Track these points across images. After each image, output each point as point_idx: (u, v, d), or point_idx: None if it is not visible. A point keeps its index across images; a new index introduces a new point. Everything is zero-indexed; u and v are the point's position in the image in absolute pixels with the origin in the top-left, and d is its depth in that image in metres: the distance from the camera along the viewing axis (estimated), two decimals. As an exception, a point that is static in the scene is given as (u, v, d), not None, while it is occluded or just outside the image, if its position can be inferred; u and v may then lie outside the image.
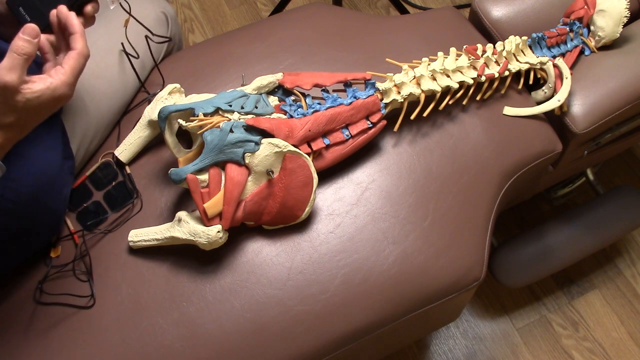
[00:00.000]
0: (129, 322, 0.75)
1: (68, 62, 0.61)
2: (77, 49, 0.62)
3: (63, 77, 0.60)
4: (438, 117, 0.91)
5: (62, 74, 0.60)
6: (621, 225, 1.20)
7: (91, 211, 0.83)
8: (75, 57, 0.62)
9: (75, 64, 0.61)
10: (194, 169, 0.73)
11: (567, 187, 1.30)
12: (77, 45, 0.62)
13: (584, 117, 0.94)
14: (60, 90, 0.60)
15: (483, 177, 0.88)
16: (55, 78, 0.60)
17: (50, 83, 0.59)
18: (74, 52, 0.62)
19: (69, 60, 0.61)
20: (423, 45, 0.99)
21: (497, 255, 1.17)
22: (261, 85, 0.84)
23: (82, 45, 0.62)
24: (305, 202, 0.78)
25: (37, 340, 0.74)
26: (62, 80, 0.60)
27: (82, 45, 0.62)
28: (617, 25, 0.97)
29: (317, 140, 0.80)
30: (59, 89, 0.60)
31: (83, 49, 0.62)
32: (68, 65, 0.61)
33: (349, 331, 0.77)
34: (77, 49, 0.62)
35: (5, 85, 0.55)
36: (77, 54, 0.62)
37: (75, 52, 0.62)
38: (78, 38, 0.63)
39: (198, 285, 0.77)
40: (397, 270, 0.79)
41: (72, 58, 0.62)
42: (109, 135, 0.90)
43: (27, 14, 0.68)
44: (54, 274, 0.78)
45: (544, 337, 1.27)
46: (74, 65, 0.61)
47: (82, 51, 0.62)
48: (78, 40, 0.63)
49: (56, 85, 0.59)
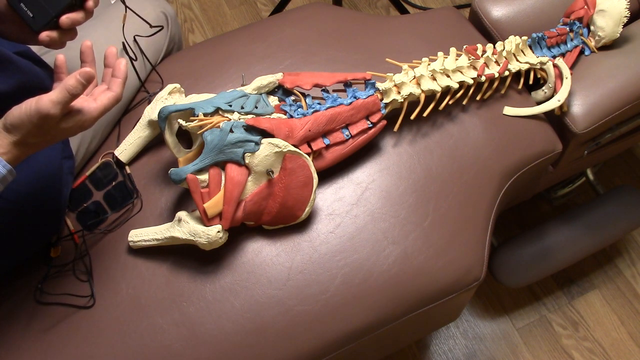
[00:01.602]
0: (129, 322, 0.75)
1: (103, 101, 0.64)
2: (116, 92, 0.65)
3: (94, 112, 0.63)
4: (438, 117, 0.91)
5: (94, 110, 0.63)
6: (621, 225, 1.20)
7: (91, 211, 0.83)
8: (112, 99, 0.64)
9: (109, 105, 0.64)
10: (194, 169, 0.73)
11: (567, 187, 1.30)
12: (117, 89, 0.65)
13: (584, 117, 0.94)
14: (87, 123, 0.63)
15: (483, 177, 0.88)
16: (87, 114, 0.62)
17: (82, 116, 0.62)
18: (111, 95, 0.65)
19: (104, 100, 0.64)
20: (423, 45, 0.99)
21: (497, 255, 1.17)
22: (261, 85, 0.84)
23: (120, 91, 0.66)
24: (305, 202, 0.78)
25: (37, 339, 0.74)
26: (92, 116, 0.63)
27: (121, 91, 0.66)
28: (617, 25, 0.97)
29: (317, 140, 0.80)
30: (87, 122, 0.62)
31: (120, 95, 0.65)
32: (102, 103, 0.63)
33: (349, 331, 0.77)
34: (116, 94, 0.65)
35: (48, 116, 0.58)
36: (114, 97, 0.65)
37: (113, 95, 0.65)
38: (120, 83, 0.66)
39: (198, 285, 0.77)
40: (397, 270, 0.79)
41: (108, 99, 0.64)
42: (109, 135, 0.90)
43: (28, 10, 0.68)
44: (54, 274, 0.78)
45: (544, 337, 1.27)
46: (107, 106, 0.64)
47: (119, 97, 0.65)
48: (119, 85, 0.66)
49: (86, 119, 0.62)
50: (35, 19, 0.68)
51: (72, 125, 0.62)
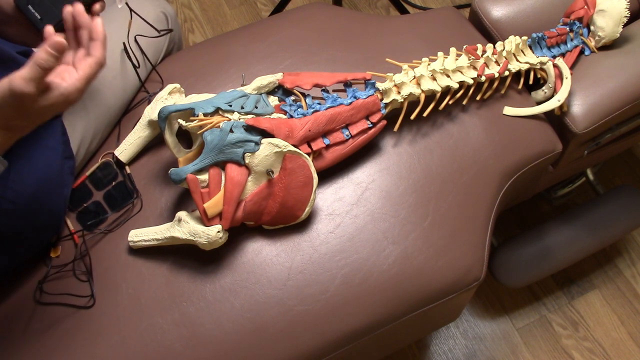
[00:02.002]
0: (129, 322, 0.75)
1: (84, 69, 0.59)
2: (96, 57, 0.60)
3: (77, 83, 0.58)
4: (438, 117, 0.91)
5: (77, 80, 0.58)
6: (621, 225, 1.20)
7: (91, 211, 0.83)
8: (93, 65, 0.60)
9: (91, 72, 0.59)
10: (194, 169, 0.73)
11: (567, 187, 1.30)
12: (97, 53, 0.60)
13: (584, 117, 0.94)
14: (72, 96, 0.58)
15: (483, 177, 0.88)
16: (69, 84, 0.58)
17: (64, 89, 0.57)
18: (92, 60, 0.60)
19: (85, 67, 0.59)
20: (423, 45, 0.99)
21: (497, 255, 1.17)
22: (261, 85, 0.84)
23: (101, 54, 0.60)
24: (305, 202, 0.78)
25: (37, 339, 0.74)
26: (76, 87, 0.58)
27: (102, 54, 0.60)
28: (617, 25, 0.97)
29: (317, 140, 0.80)
30: (71, 94, 0.58)
31: (102, 59, 0.60)
32: (83, 71, 0.59)
33: (349, 331, 0.77)
34: (97, 58, 0.60)
35: (22, 95, 0.54)
36: (95, 62, 0.60)
37: (94, 60, 0.60)
38: (99, 46, 0.61)
39: (198, 285, 0.77)
40: (397, 270, 0.79)
41: (89, 65, 0.60)
42: (109, 135, 0.90)
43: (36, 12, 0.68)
44: (54, 274, 0.78)
45: (544, 337, 1.27)
46: (90, 73, 0.59)
47: (101, 60, 0.60)
48: (99, 48, 0.61)
49: (69, 92, 0.58)
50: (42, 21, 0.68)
51: (55, 101, 0.57)
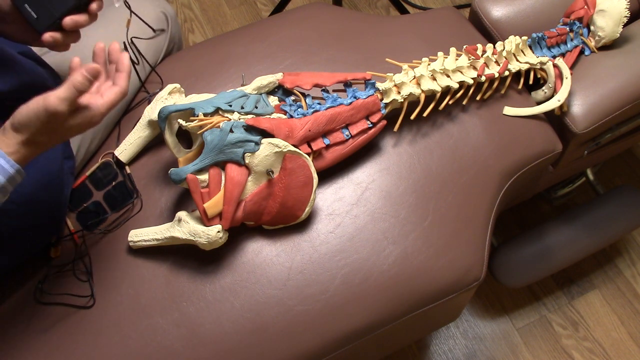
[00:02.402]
0: (129, 322, 0.75)
1: (109, 96, 0.64)
2: (121, 87, 0.65)
3: (102, 108, 0.63)
4: (438, 117, 0.91)
5: (101, 106, 0.63)
6: (621, 225, 1.20)
7: (91, 211, 0.83)
8: (118, 94, 0.64)
9: (115, 100, 0.64)
10: (194, 169, 0.73)
11: (567, 187, 1.30)
12: (122, 83, 0.65)
13: (584, 117, 0.94)
14: (95, 119, 0.62)
15: (483, 177, 0.88)
16: (95, 110, 0.62)
17: (92, 116, 0.62)
18: (117, 89, 0.65)
19: (110, 95, 0.64)
20: (423, 45, 0.99)
21: (497, 255, 1.17)
22: (261, 85, 0.84)
23: (126, 85, 0.65)
24: (305, 202, 0.78)
25: (37, 339, 0.74)
26: (100, 112, 0.63)
27: (126, 85, 0.66)
28: (617, 25, 0.97)
29: (317, 140, 0.80)
30: (95, 117, 0.62)
31: (126, 89, 0.65)
32: (109, 98, 0.63)
33: (349, 331, 0.77)
34: (122, 88, 0.65)
35: (55, 113, 0.58)
36: (120, 91, 0.65)
37: (119, 89, 0.65)
38: (124, 77, 0.66)
39: (198, 285, 0.77)
40: (397, 270, 0.79)
41: (115, 93, 0.64)
42: (109, 135, 0.90)
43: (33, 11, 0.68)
44: (54, 274, 0.78)
45: (544, 337, 1.27)
46: (114, 101, 0.64)
47: (125, 90, 0.65)
48: (124, 79, 0.66)
49: (93, 115, 0.62)
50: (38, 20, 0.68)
51: (81, 121, 0.61)
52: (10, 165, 0.58)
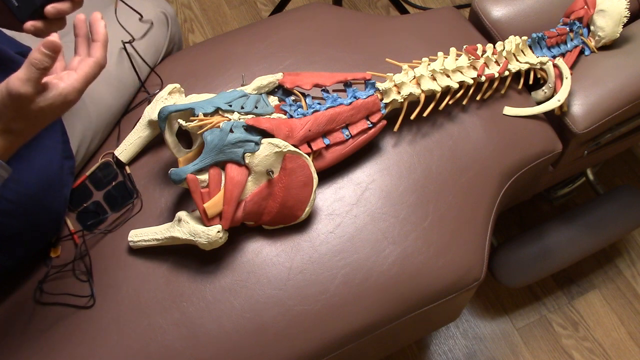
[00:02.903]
0: (129, 322, 0.75)
1: (83, 69, 0.59)
2: (96, 57, 0.60)
3: (75, 83, 0.58)
4: (438, 117, 0.91)
5: (75, 80, 0.58)
6: (621, 225, 1.20)
7: (91, 211, 0.83)
8: (92, 65, 0.60)
9: (90, 72, 0.59)
10: (194, 169, 0.73)
11: (567, 187, 1.30)
12: (96, 53, 0.60)
13: (584, 117, 0.94)
14: (70, 96, 0.58)
15: (483, 177, 0.88)
16: (67, 84, 0.58)
17: (62, 89, 0.57)
18: (91, 60, 0.60)
19: (84, 67, 0.59)
20: (423, 45, 0.99)
21: (497, 255, 1.17)
22: (261, 85, 0.84)
23: (101, 54, 0.61)
24: (305, 202, 0.78)
25: (37, 339, 0.74)
26: (74, 87, 0.58)
27: (102, 55, 0.61)
28: (617, 25, 0.97)
29: (317, 140, 0.80)
30: (70, 94, 0.58)
31: (101, 59, 0.60)
32: (82, 71, 0.59)
33: (349, 331, 0.77)
34: (96, 58, 0.60)
35: (19, 96, 0.54)
36: (94, 62, 0.60)
37: (93, 60, 0.60)
38: (99, 47, 0.61)
39: (198, 285, 0.77)
40: (397, 270, 0.79)
41: (88, 65, 0.60)
42: (109, 135, 0.90)
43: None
44: (54, 274, 0.78)
45: (544, 337, 1.27)
46: (89, 73, 0.59)
47: (100, 61, 0.60)
48: (99, 49, 0.61)
49: (68, 92, 0.58)
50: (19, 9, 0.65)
51: (53, 101, 0.56)
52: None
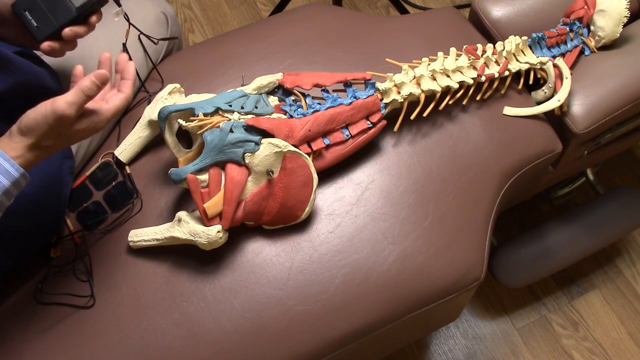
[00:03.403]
0: (129, 322, 0.75)
1: (114, 102, 0.66)
2: (126, 94, 0.67)
3: (107, 114, 0.65)
4: (438, 117, 0.91)
5: (107, 112, 0.65)
6: (621, 225, 1.20)
7: (91, 211, 0.83)
8: (123, 100, 0.67)
9: (120, 106, 0.66)
10: (194, 169, 0.73)
11: (567, 187, 1.30)
12: (127, 90, 0.68)
13: (584, 117, 0.94)
14: (100, 124, 0.65)
15: (483, 177, 0.88)
16: (101, 115, 0.64)
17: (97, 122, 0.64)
18: (122, 96, 0.67)
19: (116, 101, 0.66)
20: (423, 45, 0.99)
21: (497, 255, 1.17)
22: (261, 85, 0.84)
23: (130, 92, 0.68)
24: (305, 202, 0.78)
25: (37, 339, 0.74)
26: (106, 118, 0.65)
27: (131, 92, 0.68)
28: (617, 25, 0.97)
29: (317, 140, 0.80)
30: (100, 124, 0.64)
31: (130, 96, 0.68)
32: (114, 104, 0.66)
33: (349, 331, 0.77)
34: (127, 94, 0.67)
35: (63, 117, 0.59)
36: (125, 98, 0.67)
37: (124, 96, 0.67)
38: (129, 85, 0.68)
39: (198, 285, 0.77)
40: (397, 270, 0.79)
41: (119, 99, 0.66)
42: (109, 135, 0.90)
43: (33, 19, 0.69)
44: (54, 274, 0.78)
45: (544, 337, 1.27)
46: (119, 107, 0.66)
47: (129, 97, 0.68)
48: (129, 86, 0.68)
49: (100, 121, 0.64)
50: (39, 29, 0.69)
51: (86, 126, 0.63)
52: (16, 169, 0.59)
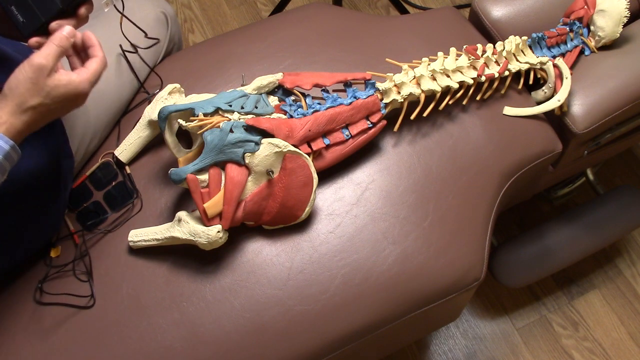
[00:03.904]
0: (129, 322, 0.75)
1: (91, 65, 0.66)
2: (99, 56, 0.67)
3: (85, 75, 0.64)
4: (438, 117, 0.91)
5: (85, 73, 0.65)
6: (621, 225, 1.20)
7: (91, 211, 0.83)
8: (98, 61, 0.66)
9: (98, 67, 0.66)
10: (194, 169, 0.73)
11: (567, 187, 1.30)
12: (98, 53, 0.67)
13: (584, 117, 0.94)
14: (82, 85, 0.64)
15: (483, 177, 0.88)
16: (81, 76, 0.64)
17: (75, 77, 0.64)
18: (97, 58, 0.66)
19: (92, 64, 0.66)
20: (423, 45, 0.99)
21: (497, 255, 1.17)
22: (261, 85, 0.84)
23: (102, 54, 0.67)
24: (305, 202, 0.78)
25: (37, 340, 0.74)
26: (85, 78, 0.64)
27: (103, 54, 0.67)
28: (617, 25, 0.97)
29: (317, 140, 0.80)
30: (81, 84, 0.64)
31: (104, 57, 0.67)
32: (91, 67, 0.66)
33: (349, 331, 0.77)
34: (99, 57, 0.67)
35: (39, 65, 0.60)
36: (99, 59, 0.66)
37: (98, 58, 0.66)
38: (98, 48, 0.67)
39: (198, 285, 0.77)
40: (397, 270, 0.79)
41: (95, 62, 0.66)
42: (109, 135, 0.90)
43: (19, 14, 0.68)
44: (54, 274, 0.78)
45: (544, 337, 1.27)
46: (96, 68, 0.66)
47: (104, 59, 0.67)
48: (99, 50, 0.67)
49: (80, 81, 0.64)
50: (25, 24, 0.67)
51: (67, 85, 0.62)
52: (4, 141, 0.59)
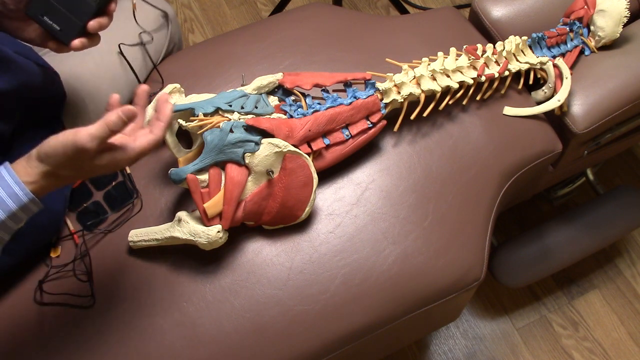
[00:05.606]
0: (129, 322, 0.75)
1: (142, 142, 0.60)
2: (157, 136, 0.61)
3: (131, 153, 0.60)
4: (438, 117, 0.91)
5: (132, 151, 0.60)
6: (621, 225, 1.20)
7: (91, 211, 0.83)
8: (151, 142, 0.61)
9: (148, 148, 0.61)
10: (194, 169, 0.73)
11: (567, 187, 1.30)
12: (159, 133, 0.62)
13: (584, 117, 0.94)
14: (122, 164, 0.60)
15: (483, 177, 0.88)
16: (124, 153, 0.59)
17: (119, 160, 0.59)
18: (152, 137, 0.61)
19: (144, 142, 0.60)
20: (423, 45, 0.99)
21: (497, 255, 1.17)
22: (261, 85, 0.84)
23: (162, 135, 0.62)
24: (305, 202, 0.78)
25: (37, 340, 0.74)
26: (129, 158, 0.60)
27: (162, 135, 0.62)
28: (617, 25, 0.97)
29: (317, 140, 0.80)
30: (122, 162, 0.60)
31: (160, 139, 0.62)
32: (141, 145, 0.60)
33: (349, 331, 0.77)
34: (157, 137, 0.61)
35: (83, 149, 0.56)
36: (155, 140, 0.61)
37: (154, 138, 0.61)
38: (162, 127, 0.62)
39: (198, 285, 0.77)
40: (397, 270, 0.79)
41: (147, 141, 0.61)
42: (109, 135, 0.90)
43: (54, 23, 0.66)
44: (54, 274, 0.78)
45: (544, 337, 1.27)
46: (145, 148, 0.60)
47: (159, 140, 0.62)
48: (162, 129, 0.62)
49: (122, 159, 0.59)
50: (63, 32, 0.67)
51: (107, 162, 0.59)
52: (25, 193, 0.57)
